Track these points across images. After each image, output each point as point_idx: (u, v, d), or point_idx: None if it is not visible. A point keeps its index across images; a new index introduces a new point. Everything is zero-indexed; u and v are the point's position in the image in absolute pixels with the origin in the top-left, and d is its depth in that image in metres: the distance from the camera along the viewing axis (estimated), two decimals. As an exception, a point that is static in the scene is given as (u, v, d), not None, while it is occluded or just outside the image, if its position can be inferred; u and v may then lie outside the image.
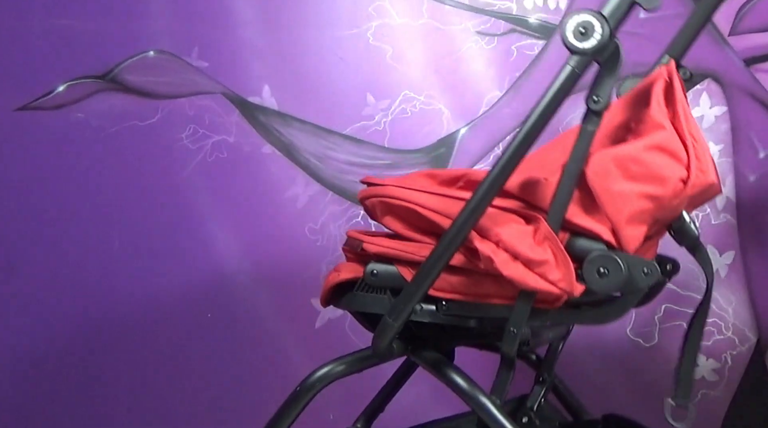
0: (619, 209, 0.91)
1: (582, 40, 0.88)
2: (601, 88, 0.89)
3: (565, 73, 0.89)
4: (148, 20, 1.72)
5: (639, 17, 1.62)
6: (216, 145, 1.73)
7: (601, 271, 0.89)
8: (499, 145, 1.67)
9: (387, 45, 1.72)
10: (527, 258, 0.88)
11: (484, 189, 0.88)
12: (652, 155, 0.93)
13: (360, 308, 1.03)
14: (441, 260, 0.91)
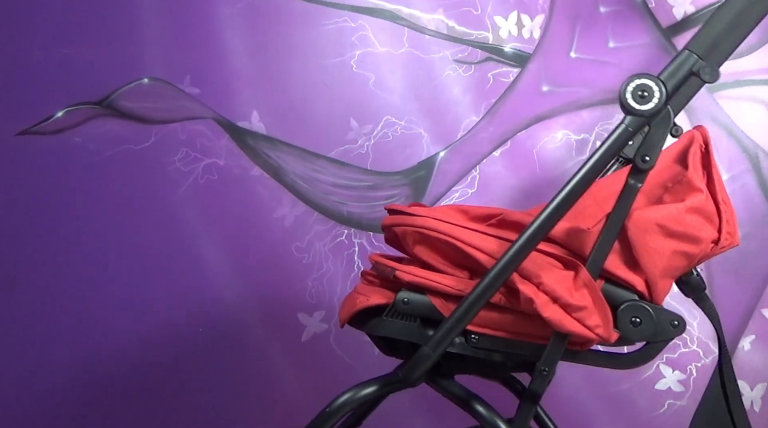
0: (656, 263, 0.95)
1: (641, 103, 0.90)
2: (651, 150, 0.92)
3: (619, 131, 0.91)
4: (143, 49, 1.75)
5: (608, 47, 1.71)
6: (207, 167, 1.74)
7: (633, 320, 0.93)
8: (477, 167, 1.71)
9: (370, 72, 1.74)
10: (566, 302, 0.89)
11: (530, 233, 0.91)
12: (690, 216, 0.97)
13: (387, 334, 1.02)
14: (484, 297, 0.92)
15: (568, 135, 1.71)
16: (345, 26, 1.73)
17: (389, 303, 1.01)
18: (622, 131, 0.91)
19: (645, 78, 0.91)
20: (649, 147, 0.92)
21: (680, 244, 0.96)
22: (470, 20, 1.72)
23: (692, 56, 0.94)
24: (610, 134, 0.91)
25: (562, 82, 1.71)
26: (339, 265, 1.73)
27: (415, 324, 0.99)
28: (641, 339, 0.95)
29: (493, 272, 0.91)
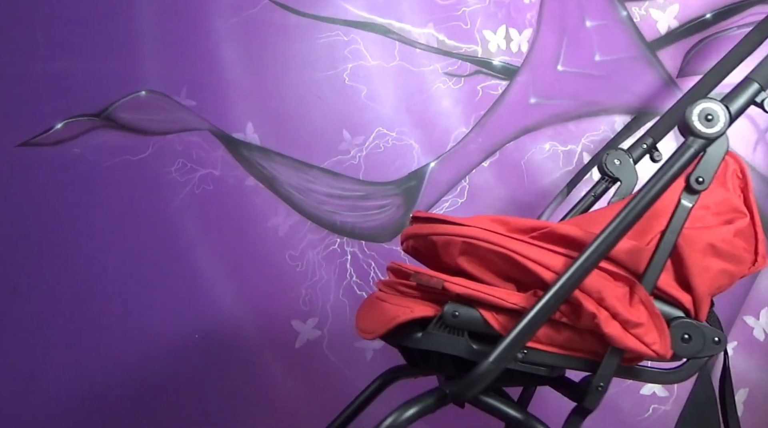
0: (706, 282, 0.96)
1: (707, 126, 0.92)
2: (707, 172, 0.93)
3: (687, 153, 0.92)
4: (140, 62, 1.75)
5: (594, 60, 1.73)
6: (203, 178, 1.75)
7: (684, 337, 0.93)
8: (466, 177, 1.72)
9: (362, 85, 1.76)
10: (625, 319, 0.89)
11: (595, 250, 0.90)
12: (737, 238, 0.99)
13: (434, 348, 0.97)
14: (548, 311, 0.90)
15: (556, 146, 1.73)
16: (338, 40, 1.75)
17: (432, 316, 0.96)
18: (690, 153, 0.92)
19: (711, 102, 0.92)
20: (705, 169, 0.92)
21: (727, 265, 0.98)
22: (460, 34, 1.74)
23: (755, 85, 0.95)
24: (675, 156, 0.92)
25: (550, 94, 1.73)
26: (332, 273, 1.74)
27: (463, 338, 0.96)
28: (690, 356, 0.95)
29: (558, 286, 0.89)
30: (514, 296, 0.93)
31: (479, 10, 1.73)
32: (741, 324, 1.69)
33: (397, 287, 1.04)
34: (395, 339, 1.00)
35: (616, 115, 1.71)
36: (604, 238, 0.91)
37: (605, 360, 0.93)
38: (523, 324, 0.90)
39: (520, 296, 0.94)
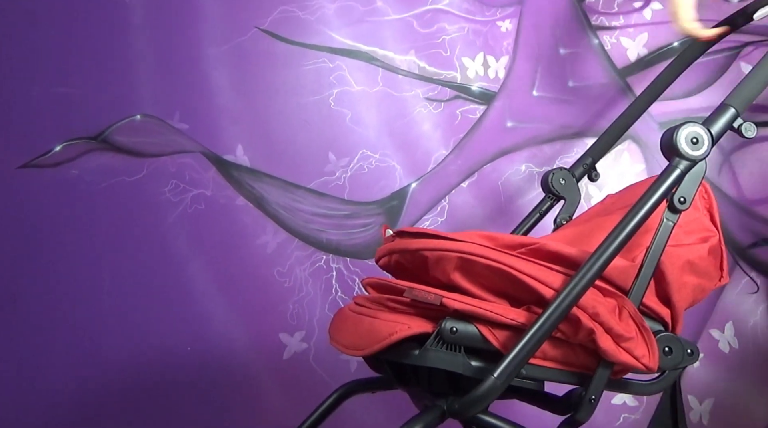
0: (685, 297, 1.01)
1: (694, 149, 0.95)
2: (689, 192, 0.96)
3: (674, 174, 0.95)
4: (136, 88, 1.79)
5: (568, 86, 1.79)
6: (195, 198, 1.79)
7: (666, 350, 0.96)
8: (446, 197, 1.78)
9: (346, 109, 1.81)
10: (618, 333, 0.90)
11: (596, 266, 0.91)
12: (710, 255, 1.04)
13: (434, 365, 0.94)
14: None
15: (531, 167, 1.79)
16: (323, 67, 1.80)
17: (429, 332, 0.94)
18: (677, 174, 0.95)
19: (696, 126, 0.96)
20: (687, 190, 0.96)
21: (701, 280, 1.03)
22: (440, 61, 1.80)
23: (732, 110, 0.99)
24: (662, 177, 0.95)
25: (525, 118, 1.79)
26: (318, 288, 1.78)
27: (460, 354, 0.94)
28: (671, 368, 0.98)
29: (559, 302, 0.89)
30: (511, 312, 0.93)
31: (458, 38, 1.79)
32: (707, 337, 1.75)
33: (386, 303, 1.00)
34: (387, 355, 0.97)
35: (588, 138, 1.77)
36: (600, 256, 0.92)
37: (597, 373, 0.94)
38: (526, 339, 0.89)
39: (515, 311, 0.94)
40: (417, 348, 0.94)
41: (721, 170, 1.77)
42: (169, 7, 1.81)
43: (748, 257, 1.75)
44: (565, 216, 1.40)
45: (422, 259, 0.99)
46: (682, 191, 0.96)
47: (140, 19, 1.80)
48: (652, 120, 1.76)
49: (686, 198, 0.96)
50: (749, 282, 1.76)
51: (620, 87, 1.79)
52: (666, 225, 0.97)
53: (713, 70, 1.77)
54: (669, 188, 0.95)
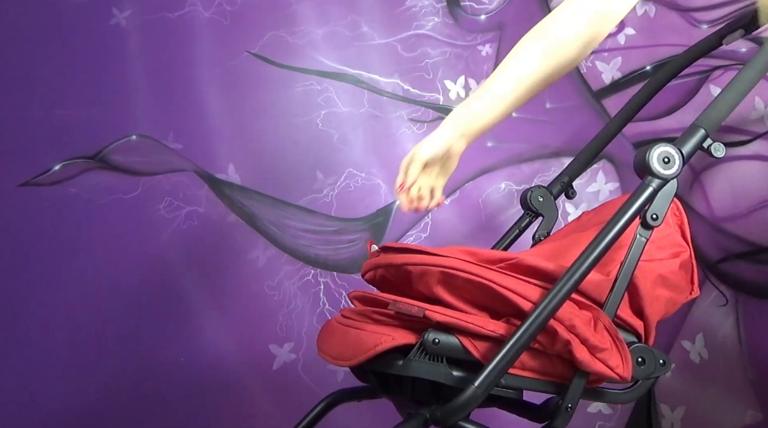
0: (657, 310, 1.03)
1: (665, 168, 0.96)
2: (661, 209, 0.97)
3: (646, 192, 0.96)
4: (131, 109, 1.84)
5: (546, 107, 1.85)
6: (188, 215, 1.83)
7: (639, 360, 0.97)
8: (429, 214, 1.83)
9: (334, 130, 1.86)
10: (593, 344, 0.92)
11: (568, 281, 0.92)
12: (681, 270, 1.06)
13: (417, 374, 0.96)
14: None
15: (510, 185, 1.84)
16: (312, 89, 1.85)
17: (413, 343, 0.96)
18: (649, 192, 0.96)
19: (668, 146, 0.97)
20: (659, 207, 0.97)
21: (673, 294, 1.05)
22: (423, 84, 1.85)
23: (702, 131, 1.00)
24: (636, 195, 0.97)
25: (505, 138, 1.84)
26: (306, 301, 1.83)
27: (442, 364, 0.95)
28: (644, 377, 0.98)
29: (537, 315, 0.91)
30: (491, 324, 0.94)
31: (441, 62, 1.85)
32: (678, 347, 1.79)
33: (371, 316, 1.02)
34: (372, 365, 0.98)
35: (565, 157, 1.82)
36: (576, 270, 0.93)
37: (574, 383, 0.95)
38: (506, 350, 0.91)
39: (495, 323, 0.95)
40: (401, 358, 0.97)
41: (691, 188, 1.81)
42: (163, 32, 1.86)
43: (717, 271, 1.80)
44: (543, 232, 1.42)
45: (406, 273, 1.01)
46: (655, 208, 0.97)
47: (136, 44, 1.85)
48: (626, 140, 1.81)
49: (658, 215, 0.98)
50: (719, 295, 1.80)
51: (595, 109, 1.84)
52: (639, 241, 0.99)
53: (684, 93, 1.82)
54: (642, 206, 0.97)
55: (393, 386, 1.08)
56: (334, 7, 1.88)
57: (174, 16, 1.87)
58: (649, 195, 0.96)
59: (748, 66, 1.07)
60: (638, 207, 0.96)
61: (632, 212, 0.96)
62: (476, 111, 1.17)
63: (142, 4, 1.87)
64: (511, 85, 1.14)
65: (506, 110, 1.16)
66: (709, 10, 1.81)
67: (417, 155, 1.18)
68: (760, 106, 1.80)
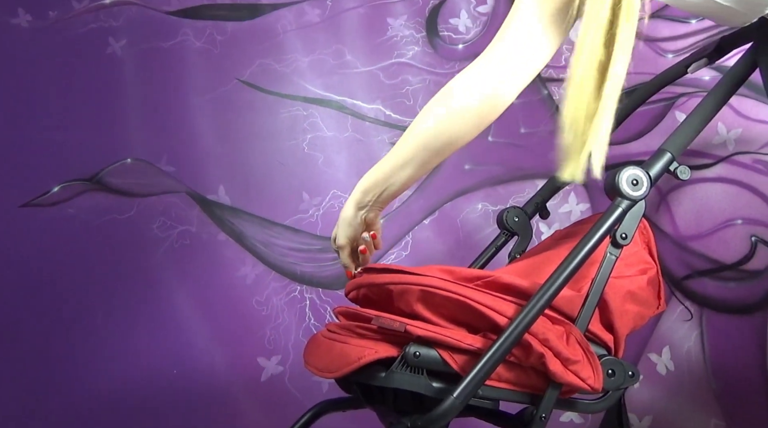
0: (626, 324, 1.06)
1: (634, 190, 0.99)
2: (630, 228, 1.00)
3: (616, 212, 0.98)
4: (127, 134, 1.89)
5: (520, 132, 1.90)
6: (181, 234, 1.87)
7: (609, 372, 0.99)
8: (409, 233, 1.88)
9: (319, 153, 1.90)
10: (566, 357, 0.94)
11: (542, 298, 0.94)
12: (649, 286, 1.10)
13: (399, 386, 0.98)
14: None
15: (487, 206, 1.90)
16: (298, 114, 1.90)
17: (395, 356, 0.98)
18: (618, 212, 0.99)
19: (636, 169, 1.00)
20: (628, 227, 0.99)
21: (641, 308, 1.08)
22: (404, 109, 1.91)
23: (668, 155, 1.04)
24: (606, 215, 0.99)
25: (482, 161, 1.89)
26: (293, 316, 1.87)
27: (423, 376, 0.97)
28: (614, 388, 1.01)
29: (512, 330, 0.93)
30: (468, 338, 0.96)
31: (420, 89, 1.91)
32: (646, 360, 1.84)
33: (355, 330, 1.04)
34: (356, 377, 1.00)
35: (538, 179, 1.88)
36: (549, 287, 0.95)
37: (547, 393, 0.97)
38: (482, 362, 0.93)
39: (473, 337, 0.97)
40: (383, 370, 0.98)
41: (659, 209, 1.86)
42: (157, 60, 1.91)
43: (683, 287, 1.85)
44: (518, 250, 1.44)
45: (387, 292, 1.04)
46: (624, 227, 1.00)
47: (131, 72, 1.90)
48: None
49: (627, 234, 1.00)
50: (684, 311, 1.84)
51: None
52: (609, 259, 1.01)
53: (651, 119, 1.87)
54: (612, 225, 0.99)
55: (376, 396, 1.10)
56: (319, 37, 1.93)
57: (167, 45, 1.93)
58: (618, 215, 0.99)
59: (711, 94, 1.11)
60: (608, 227, 0.99)
61: (603, 232, 0.98)
62: (382, 176, 1.17)
63: (136, 34, 1.92)
64: (413, 147, 1.14)
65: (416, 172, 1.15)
66: (674, 40, 1.86)
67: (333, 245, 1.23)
68: (723, 131, 1.86)
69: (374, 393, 1.10)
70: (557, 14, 1.07)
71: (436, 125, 1.13)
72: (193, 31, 1.93)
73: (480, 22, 1.95)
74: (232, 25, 1.94)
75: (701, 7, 1.00)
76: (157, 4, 1.94)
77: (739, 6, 0.97)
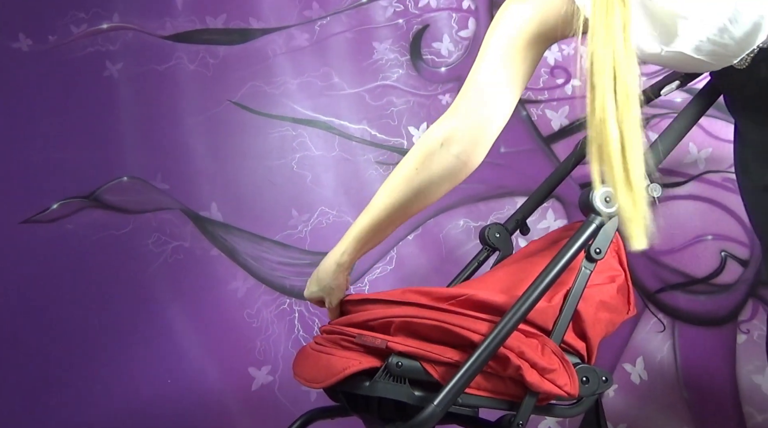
0: (598, 332, 1.09)
1: (607, 207, 1.00)
2: (603, 243, 1.02)
3: (590, 228, 1.01)
4: (123, 153, 1.93)
5: (500, 151, 1.97)
6: (175, 249, 1.91)
7: (584, 379, 1.01)
8: (394, 248, 1.93)
9: (307, 172, 1.95)
10: (542, 367, 0.97)
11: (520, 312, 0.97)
12: (619, 294, 1.13)
13: (383, 394, 1.00)
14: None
15: (468, 222, 1.95)
16: (287, 134, 1.96)
17: (378, 366, 1.00)
18: (593, 228, 1.01)
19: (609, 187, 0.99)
20: (602, 242, 1.02)
21: (612, 315, 1.11)
22: (389, 130, 1.96)
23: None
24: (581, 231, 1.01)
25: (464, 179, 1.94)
26: (282, 328, 1.91)
27: (405, 385, 0.99)
28: (589, 394, 1.03)
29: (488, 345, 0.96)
30: (448, 352, 0.99)
31: (405, 110, 1.97)
32: (620, 369, 1.91)
33: (341, 342, 1.06)
34: (342, 386, 1.03)
35: (518, 196, 1.94)
36: (523, 303, 0.98)
37: (525, 401, 0.99)
38: (460, 373, 0.95)
39: (452, 350, 1.00)
40: (368, 380, 1.01)
41: None
42: (152, 82, 1.96)
43: (656, 300, 1.92)
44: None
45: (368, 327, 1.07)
46: (598, 243, 1.02)
47: (127, 94, 1.95)
48: (573, 182, 1.91)
49: (601, 249, 1.02)
50: (657, 322, 1.91)
51: (545, 153, 1.96)
52: (584, 273, 1.03)
53: None
54: (586, 241, 1.01)
55: (361, 405, 1.13)
56: (307, 60, 1.99)
57: (162, 68, 1.97)
58: (592, 231, 1.01)
59: (680, 115, 1.15)
60: (583, 242, 1.01)
61: (577, 247, 1.01)
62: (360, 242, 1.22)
63: (132, 57, 1.96)
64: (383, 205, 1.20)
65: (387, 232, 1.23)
66: (647, 63, 1.92)
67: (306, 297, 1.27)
68: (694, 151, 1.94)
69: (359, 402, 1.13)
70: (522, 58, 1.11)
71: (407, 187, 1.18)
72: (186, 54, 1.98)
73: (462, 45, 2.01)
74: (224, 49, 1.99)
75: (676, 61, 1.04)
76: (153, 29, 1.99)
77: (711, 59, 1.01)
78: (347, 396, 1.13)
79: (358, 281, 1.97)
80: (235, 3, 2.00)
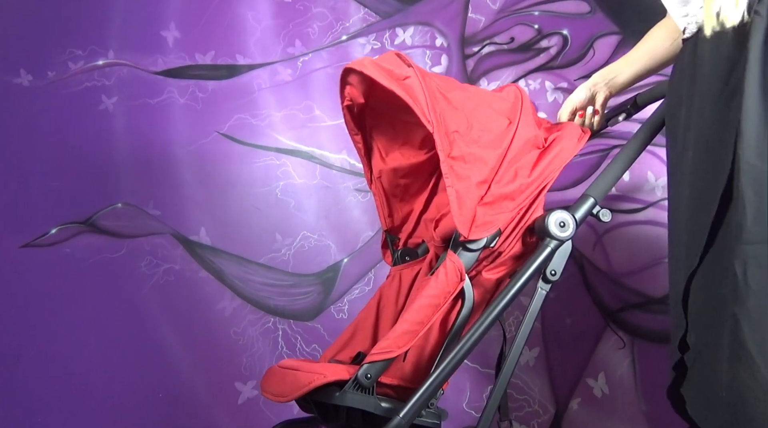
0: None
1: (561, 231, 1.06)
2: (558, 266, 1.07)
3: (545, 251, 1.05)
4: (117, 181, 1.99)
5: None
6: (166, 271, 1.96)
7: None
8: (372, 270, 2.00)
9: (290, 198, 2.01)
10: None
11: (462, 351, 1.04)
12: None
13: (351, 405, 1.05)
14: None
15: None
16: (271, 163, 2.02)
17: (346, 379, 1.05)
18: (548, 251, 1.06)
19: (563, 212, 1.09)
20: (557, 264, 1.07)
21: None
22: None
23: (591, 200, 1.13)
24: (536, 254, 1.05)
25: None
26: (267, 345, 1.97)
27: (372, 396, 1.05)
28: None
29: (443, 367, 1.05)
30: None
31: None
32: (583, 384, 1.96)
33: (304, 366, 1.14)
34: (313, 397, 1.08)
35: None
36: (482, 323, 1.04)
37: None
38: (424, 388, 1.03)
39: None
40: (338, 390, 1.06)
41: (595, 248, 1.98)
42: (145, 115, 2.03)
43: (616, 319, 1.98)
44: None
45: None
46: (554, 265, 1.07)
47: (121, 125, 2.02)
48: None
49: (557, 271, 1.07)
50: (617, 340, 1.97)
51: None
52: (540, 294, 1.09)
53: (587, 168, 2.01)
54: (542, 263, 1.06)
55: (331, 415, 1.17)
56: (290, 94, 2.05)
57: (154, 101, 2.04)
58: (548, 254, 1.06)
59: (628, 144, 1.22)
60: (539, 265, 1.06)
61: (533, 269, 1.05)
62: (615, 68, 1.33)
63: (126, 92, 2.03)
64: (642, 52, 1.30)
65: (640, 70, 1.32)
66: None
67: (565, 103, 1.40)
68: (652, 179, 2.01)
69: (330, 412, 1.17)
70: None
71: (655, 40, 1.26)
72: (177, 89, 2.05)
73: (435, 80, 2.09)
74: (213, 84, 2.05)
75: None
76: (145, 65, 2.06)
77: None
78: (318, 406, 1.17)
79: (338, 301, 2.02)
80: (222, 40, 2.06)
